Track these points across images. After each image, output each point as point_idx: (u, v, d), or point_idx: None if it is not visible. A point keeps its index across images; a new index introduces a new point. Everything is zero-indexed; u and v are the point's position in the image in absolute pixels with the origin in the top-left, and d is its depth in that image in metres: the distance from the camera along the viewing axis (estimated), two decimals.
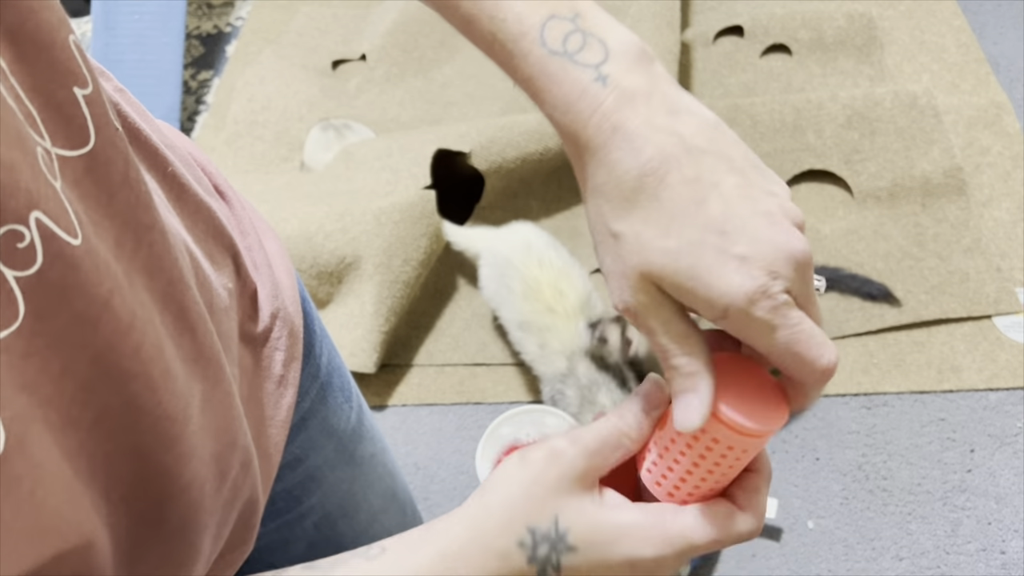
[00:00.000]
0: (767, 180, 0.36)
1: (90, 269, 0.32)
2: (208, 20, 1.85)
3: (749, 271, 0.34)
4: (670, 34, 1.47)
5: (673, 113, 0.35)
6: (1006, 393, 1.14)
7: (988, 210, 1.32)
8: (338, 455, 0.64)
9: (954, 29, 1.60)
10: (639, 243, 0.35)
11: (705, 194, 0.34)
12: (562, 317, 1.02)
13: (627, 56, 0.36)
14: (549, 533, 0.37)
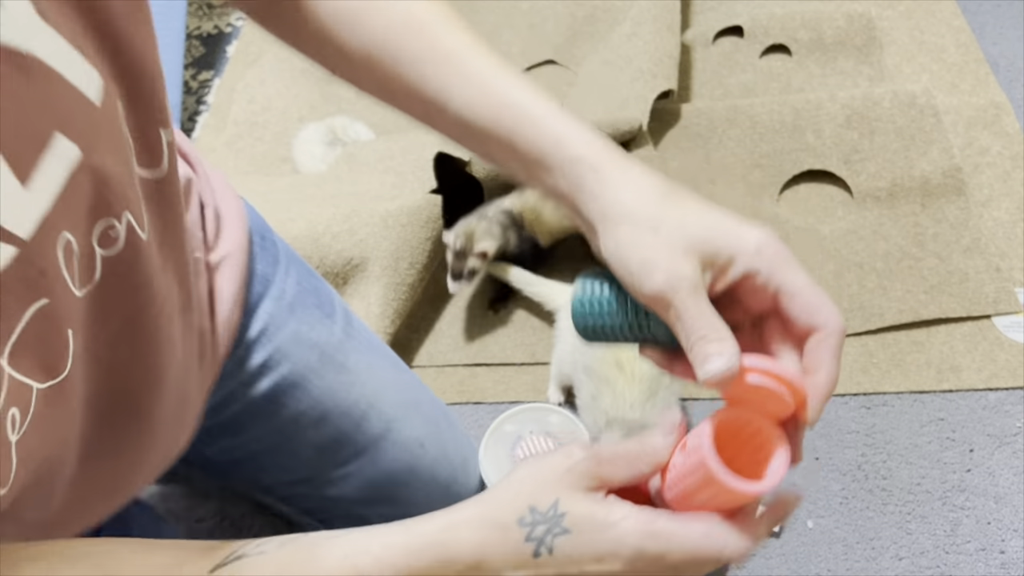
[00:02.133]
0: None
1: (147, 256, 0.47)
2: (209, 20, 1.86)
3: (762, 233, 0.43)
4: (670, 37, 1.47)
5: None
6: (1005, 393, 1.14)
7: (987, 210, 1.33)
8: (323, 363, 0.72)
9: (953, 29, 1.61)
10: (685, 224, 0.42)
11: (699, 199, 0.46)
12: (626, 378, 0.98)
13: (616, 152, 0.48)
14: (548, 514, 0.39)
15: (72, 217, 0.41)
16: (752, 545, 0.39)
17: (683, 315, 0.41)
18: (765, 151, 1.39)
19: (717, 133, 1.42)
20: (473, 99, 0.46)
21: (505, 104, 0.46)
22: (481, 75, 0.47)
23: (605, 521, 0.39)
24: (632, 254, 0.43)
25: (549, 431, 1.04)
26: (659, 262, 0.42)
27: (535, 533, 0.40)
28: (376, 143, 1.41)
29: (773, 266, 0.43)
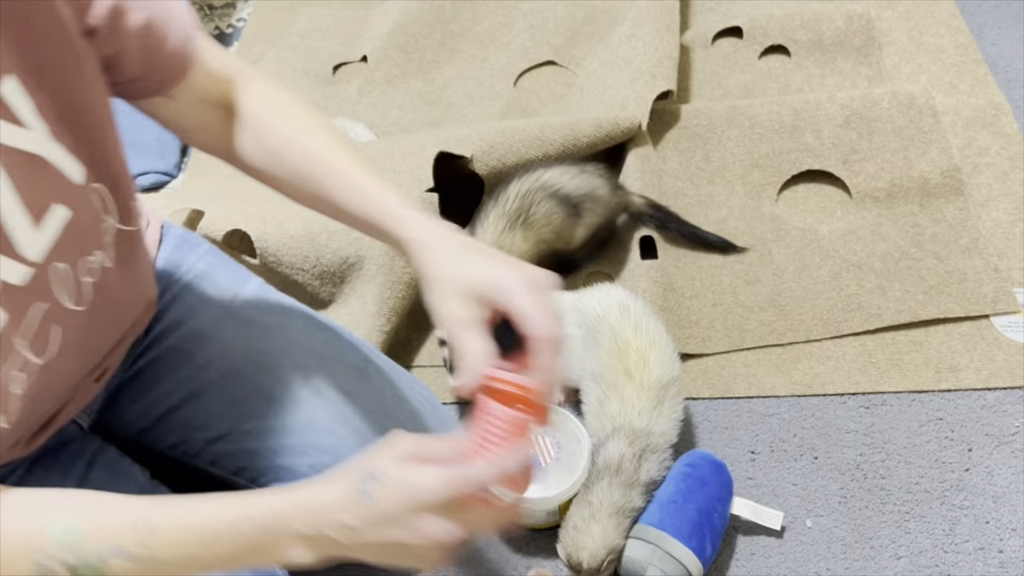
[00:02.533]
0: None
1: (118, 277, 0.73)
2: (210, 21, 1.86)
3: (519, 271, 0.64)
4: (670, 39, 1.47)
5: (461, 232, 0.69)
6: (1004, 392, 1.14)
7: (986, 210, 1.33)
8: (228, 318, 0.89)
9: (952, 30, 1.61)
10: (466, 275, 0.64)
11: (491, 253, 0.67)
12: (635, 386, 0.99)
13: None
14: (370, 472, 0.59)
15: (64, 252, 0.64)
16: (510, 465, 0.58)
17: (451, 343, 0.64)
18: (764, 151, 1.40)
19: (716, 134, 1.42)
20: (355, 202, 0.72)
21: (373, 200, 0.71)
22: (360, 185, 0.72)
23: (411, 474, 0.58)
24: (431, 302, 0.65)
25: (547, 430, 1.04)
26: (442, 307, 0.64)
27: (361, 485, 0.58)
28: (377, 143, 1.41)
29: (511, 298, 0.61)
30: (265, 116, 0.77)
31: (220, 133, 0.78)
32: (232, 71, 0.78)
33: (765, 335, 1.22)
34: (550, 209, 1.15)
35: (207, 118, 0.78)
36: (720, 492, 1.00)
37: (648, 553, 0.93)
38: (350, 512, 0.58)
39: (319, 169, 0.73)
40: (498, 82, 1.61)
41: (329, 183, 0.73)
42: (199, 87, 0.75)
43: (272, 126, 0.76)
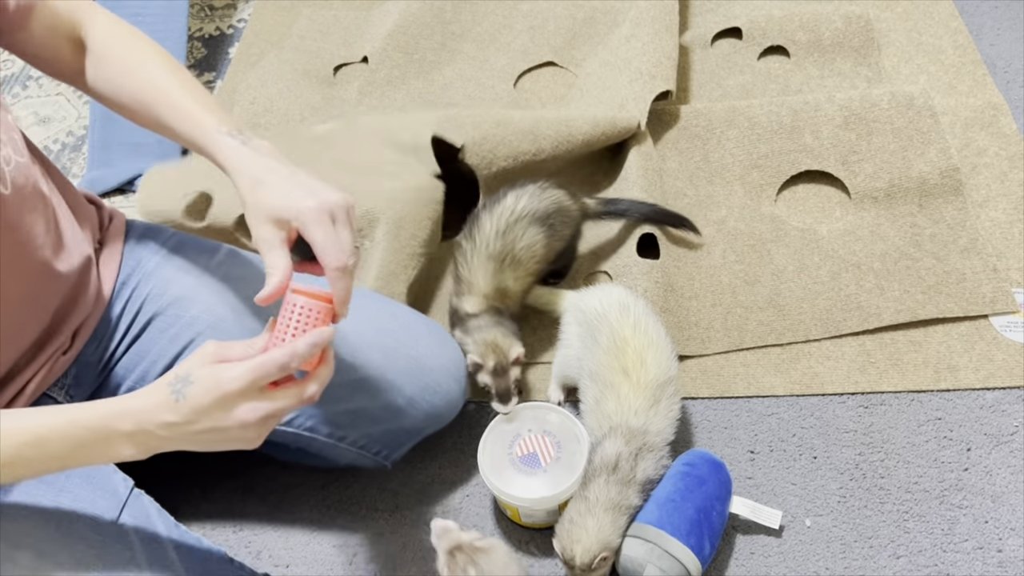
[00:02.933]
0: (321, 180, 0.78)
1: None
2: (210, 22, 1.86)
3: (312, 199, 0.74)
4: (669, 39, 1.48)
5: (279, 156, 0.79)
6: (1003, 392, 1.15)
7: (985, 211, 1.33)
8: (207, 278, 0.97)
9: (951, 31, 1.61)
10: (264, 201, 0.75)
11: (291, 175, 0.77)
12: (631, 385, 0.99)
13: (267, 147, 0.80)
14: (183, 376, 0.69)
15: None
16: (288, 353, 0.69)
17: (263, 255, 0.74)
18: (763, 152, 1.40)
19: (715, 134, 1.43)
20: (185, 127, 0.81)
21: (197, 124, 0.80)
22: (188, 110, 0.81)
23: (216, 371, 0.69)
24: (247, 221, 0.76)
25: (547, 430, 1.05)
26: (252, 228, 0.75)
27: (174, 387, 0.69)
28: (374, 116, 1.40)
29: (305, 229, 0.73)
30: (108, 47, 0.86)
31: (70, 62, 0.87)
32: (79, 8, 0.88)
33: (764, 335, 1.22)
34: (531, 237, 1.14)
35: (59, 49, 0.87)
36: (718, 491, 1.00)
37: (647, 551, 0.93)
38: (168, 410, 0.69)
39: (151, 95, 0.83)
40: (498, 83, 1.61)
41: (163, 109, 0.82)
42: (48, 20, 0.85)
43: (114, 56, 0.86)
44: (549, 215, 1.15)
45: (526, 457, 1.02)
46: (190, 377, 0.69)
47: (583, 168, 1.42)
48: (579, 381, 1.07)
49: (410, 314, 1.09)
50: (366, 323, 0.98)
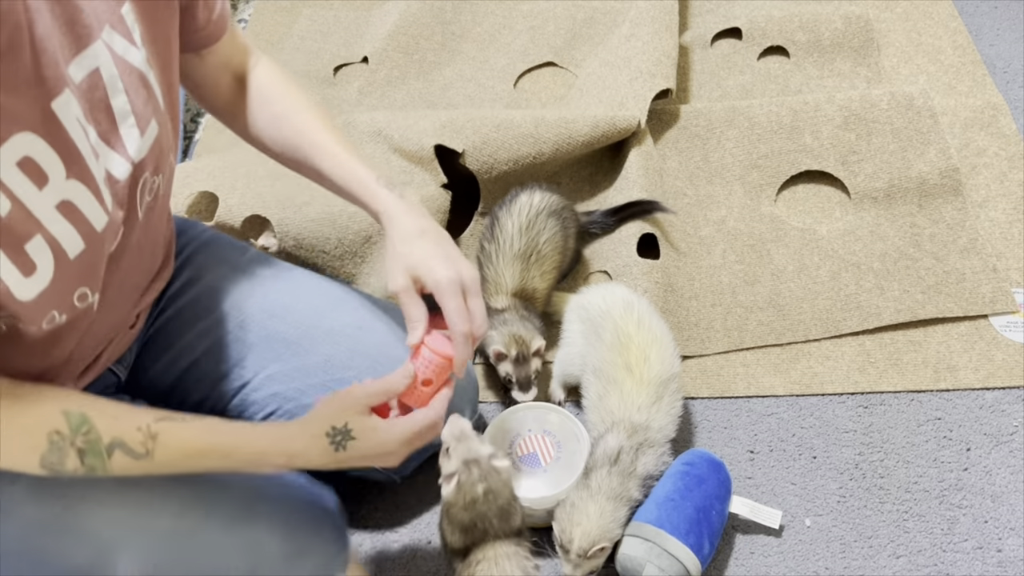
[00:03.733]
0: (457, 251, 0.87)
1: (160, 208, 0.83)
2: None
3: (451, 271, 0.83)
4: (668, 39, 1.48)
5: (429, 217, 0.88)
6: (1002, 392, 1.15)
7: (984, 211, 1.33)
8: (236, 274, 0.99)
9: (951, 31, 1.61)
10: (410, 255, 0.84)
11: (438, 240, 0.86)
12: (635, 381, 1.00)
13: (413, 195, 0.89)
14: (342, 428, 0.78)
15: (150, 165, 0.76)
16: (436, 417, 0.83)
17: (401, 304, 0.85)
18: (763, 152, 1.40)
19: (715, 134, 1.43)
20: (339, 175, 0.89)
21: (355, 175, 0.88)
22: (343, 160, 0.88)
23: (375, 431, 0.79)
24: (386, 264, 0.87)
25: (548, 430, 1.05)
26: (391, 274, 0.85)
27: (335, 440, 0.78)
28: (374, 114, 1.40)
29: (438, 295, 0.83)
30: (266, 89, 0.92)
31: (229, 97, 0.92)
32: (249, 46, 0.94)
33: (764, 335, 1.22)
34: (552, 231, 1.16)
35: (222, 82, 0.92)
36: (718, 490, 1.00)
37: (646, 551, 0.93)
38: (325, 456, 0.78)
39: (307, 142, 0.89)
40: (498, 83, 1.61)
41: (316, 155, 0.88)
42: (225, 52, 0.90)
43: (271, 99, 0.92)
44: (562, 208, 1.19)
45: (526, 457, 1.02)
46: (351, 432, 0.78)
47: (584, 169, 1.42)
48: (582, 377, 1.08)
49: None
50: (389, 335, 1.00)
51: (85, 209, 0.67)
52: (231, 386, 0.97)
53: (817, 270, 1.27)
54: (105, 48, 0.68)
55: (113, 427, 0.71)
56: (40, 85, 0.62)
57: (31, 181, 0.62)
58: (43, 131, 0.63)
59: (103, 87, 0.69)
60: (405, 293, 0.84)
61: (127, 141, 0.71)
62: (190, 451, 0.75)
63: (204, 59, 0.88)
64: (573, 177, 1.42)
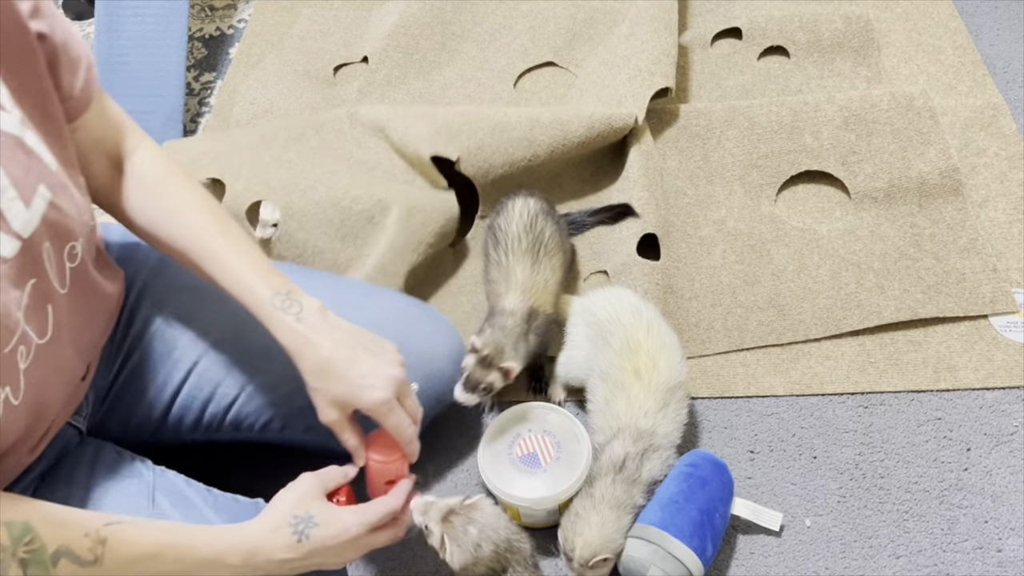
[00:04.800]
0: (378, 347, 0.86)
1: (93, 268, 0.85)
2: (211, 22, 1.87)
3: (378, 392, 0.83)
4: (668, 37, 1.48)
5: (333, 328, 0.84)
6: (1002, 392, 1.15)
7: (984, 211, 1.33)
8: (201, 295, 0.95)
9: (951, 31, 1.61)
10: (329, 390, 0.83)
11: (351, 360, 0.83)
12: (643, 387, 0.99)
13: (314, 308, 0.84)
14: (304, 517, 0.78)
15: (49, 234, 0.72)
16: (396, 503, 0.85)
17: (338, 436, 0.87)
18: (763, 152, 1.40)
19: (716, 133, 1.43)
20: (231, 288, 0.84)
21: (250, 291, 0.83)
22: (235, 272, 0.84)
23: (337, 516, 0.79)
24: (312, 398, 0.85)
25: (548, 429, 1.05)
26: (319, 409, 0.85)
27: (297, 528, 0.77)
28: (378, 109, 1.41)
29: (377, 417, 0.84)
30: (151, 181, 0.86)
31: (106, 183, 0.86)
32: (125, 122, 0.87)
33: (764, 335, 1.22)
34: (552, 228, 1.16)
35: (97, 164, 0.85)
36: (721, 492, 1.00)
37: (650, 553, 0.93)
38: (289, 549, 0.77)
39: (198, 247, 0.84)
40: (498, 83, 1.61)
41: (209, 264, 0.84)
42: (95, 129, 0.83)
43: (158, 192, 0.86)
44: (550, 209, 1.19)
45: (526, 457, 1.02)
46: (313, 519, 0.78)
47: (586, 169, 1.42)
48: (587, 381, 1.07)
49: (404, 302, 1.10)
50: (367, 321, 0.98)
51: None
52: (220, 407, 0.96)
53: (817, 269, 1.27)
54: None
55: (59, 535, 0.68)
56: None
57: None
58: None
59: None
60: (338, 425, 0.84)
61: (9, 216, 0.66)
62: (142, 554, 0.71)
63: (76, 133, 0.81)
64: (574, 178, 1.42)
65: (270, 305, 0.82)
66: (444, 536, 0.86)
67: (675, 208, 1.35)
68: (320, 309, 0.84)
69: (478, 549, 0.86)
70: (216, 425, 0.96)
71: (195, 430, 0.96)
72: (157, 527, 0.75)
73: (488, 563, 0.87)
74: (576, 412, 1.16)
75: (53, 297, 0.73)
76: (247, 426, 0.97)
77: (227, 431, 0.97)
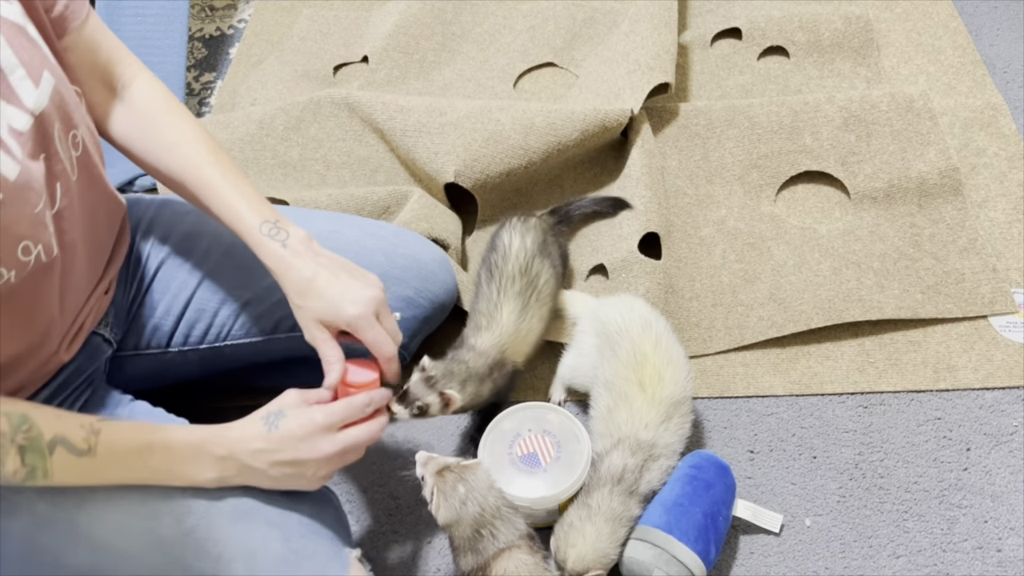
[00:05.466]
0: (359, 272, 0.90)
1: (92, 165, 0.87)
2: (211, 22, 1.87)
3: (357, 306, 0.85)
4: (668, 34, 1.48)
5: (316, 254, 0.88)
6: (1002, 392, 1.15)
7: (984, 211, 1.33)
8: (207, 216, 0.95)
9: (950, 31, 1.61)
10: (311, 307, 0.86)
11: (331, 280, 0.87)
12: (646, 399, 0.99)
13: (300, 236, 0.88)
14: (276, 412, 0.83)
15: (58, 115, 0.77)
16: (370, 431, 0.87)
17: (319, 351, 0.87)
18: (763, 152, 1.40)
19: (716, 133, 1.43)
20: (224, 217, 0.89)
21: (240, 220, 0.88)
22: (228, 202, 0.88)
23: (305, 411, 0.83)
24: (296, 317, 0.88)
25: (547, 429, 1.05)
26: (304, 328, 0.88)
27: (268, 420, 0.82)
28: (375, 114, 1.42)
29: (355, 332, 0.87)
30: (151, 111, 0.91)
31: (105, 111, 0.90)
32: (121, 51, 0.91)
33: (765, 329, 1.22)
34: (546, 271, 1.13)
35: (95, 93, 0.89)
36: (725, 495, 1.00)
37: (654, 556, 0.93)
38: (260, 439, 0.81)
39: (193, 178, 0.89)
40: (498, 83, 1.61)
41: (202, 193, 0.89)
42: (89, 50, 0.87)
43: (158, 124, 0.90)
44: (544, 244, 1.15)
45: (526, 457, 1.02)
46: (283, 412, 0.82)
47: (588, 169, 1.42)
48: (591, 389, 1.07)
49: (394, 225, 1.18)
50: (363, 232, 1.09)
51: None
52: (231, 309, 1.02)
53: (818, 265, 1.27)
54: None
55: (55, 424, 0.72)
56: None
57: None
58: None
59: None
60: (321, 342, 0.87)
61: (21, 93, 0.72)
62: (132, 446, 0.76)
63: (71, 52, 0.85)
64: (576, 178, 1.42)
65: (258, 232, 0.86)
66: (435, 488, 0.89)
67: (675, 208, 1.35)
68: (306, 238, 0.88)
69: (463, 507, 0.88)
70: (226, 332, 1.02)
71: (205, 336, 1.03)
72: (146, 424, 0.81)
73: (473, 524, 0.88)
74: (576, 412, 1.16)
75: (63, 177, 0.77)
76: (260, 328, 1.03)
77: (236, 336, 1.03)
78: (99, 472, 0.75)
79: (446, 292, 1.13)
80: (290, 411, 0.82)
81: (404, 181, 1.39)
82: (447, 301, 1.14)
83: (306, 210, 1.20)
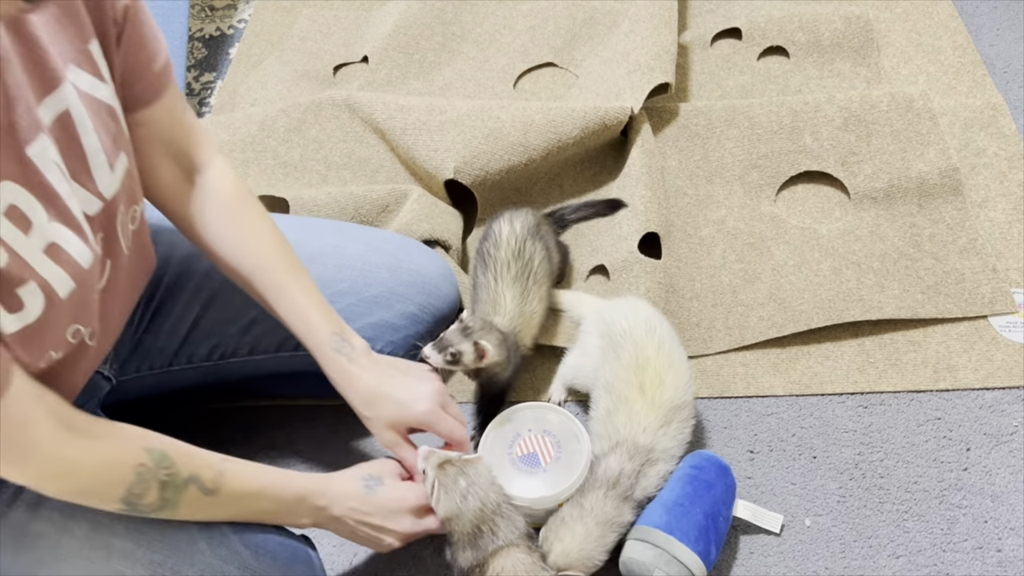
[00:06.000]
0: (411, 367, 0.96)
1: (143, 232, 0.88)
2: (211, 22, 1.87)
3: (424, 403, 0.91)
4: (668, 34, 1.48)
5: (375, 362, 0.92)
6: (1002, 392, 1.15)
7: (984, 211, 1.33)
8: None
9: (950, 31, 1.61)
10: (381, 414, 0.91)
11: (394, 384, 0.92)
12: (646, 403, 1.00)
13: (362, 349, 0.92)
14: (376, 476, 0.89)
15: (125, 197, 0.78)
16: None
17: (397, 455, 0.93)
18: (763, 152, 1.40)
19: (716, 133, 1.43)
20: (292, 323, 0.90)
21: (311, 332, 0.90)
22: (299, 308, 0.90)
23: (401, 485, 0.90)
24: (369, 426, 0.92)
25: (547, 429, 1.05)
26: (377, 435, 0.93)
27: (368, 484, 0.88)
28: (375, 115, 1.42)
29: (429, 426, 0.92)
30: (227, 203, 0.90)
31: (175, 191, 0.89)
32: (200, 132, 0.89)
33: (765, 329, 1.22)
34: (540, 252, 1.14)
35: (166, 170, 0.87)
36: (725, 496, 1.00)
37: (654, 556, 0.93)
38: (357, 499, 0.87)
39: (263, 277, 0.89)
40: (498, 83, 1.61)
41: (270, 294, 0.90)
42: (164, 123, 0.84)
43: (235, 217, 0.90)
44: (537, 226, 1.16)
45: (526, 457, 1.02)
46: (383, 480, 0.89)
47: (588, 168, 1.42)
48: (592, 391, 1.07)
49: (397, 235, 1.19)
50: (367, 247, 1.09)
51: (71, 249, 0.70)
52: (237, 327, 1.02)
53: (819, 264, 1.27)
54: (72, 88, 0.70)
55: (189, 464, 0.77)
56: (14, 134, 0.64)
57: (18, 228, 0.65)
58: (22, 179, 0.65)
59: (73, 127, 0.70)
60: (396, 446, 0.91)
61: (97, 178, 0.73)
62: (249, 490, 0.81)
63: (143, 127, 0.83)
64: (576, 178, 1.42)
65: (327, 345, 0.89)
66: (436, 481, 0.90)
67: (675, 208, 1.35)
68: (366, 349, 0.92)
69: (464, 501, 0.89)
70: (231, 350, 1.03)
71: (210, 355, 1.03)
72: (259, 468, 0.84)
73: (473, 519, 0.89)
74: (576, 412, 1.16)
75: (116, 254, 0.79)
76: (264, 347, 1.03)
77: (241, 354, 1.04)
78: (218, 509, 0.80)
79: (449, 306, 1.13)
80: (388, 480, 0.89)
81: (405, 181, 1.39)
82: (449, 314, 1.13)
83: (309, 220, 1.19)
